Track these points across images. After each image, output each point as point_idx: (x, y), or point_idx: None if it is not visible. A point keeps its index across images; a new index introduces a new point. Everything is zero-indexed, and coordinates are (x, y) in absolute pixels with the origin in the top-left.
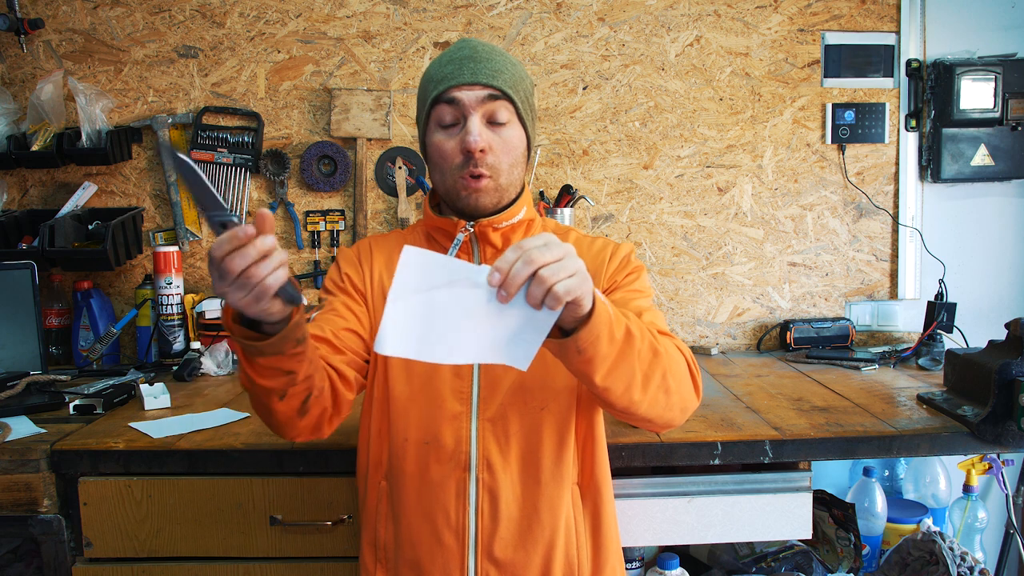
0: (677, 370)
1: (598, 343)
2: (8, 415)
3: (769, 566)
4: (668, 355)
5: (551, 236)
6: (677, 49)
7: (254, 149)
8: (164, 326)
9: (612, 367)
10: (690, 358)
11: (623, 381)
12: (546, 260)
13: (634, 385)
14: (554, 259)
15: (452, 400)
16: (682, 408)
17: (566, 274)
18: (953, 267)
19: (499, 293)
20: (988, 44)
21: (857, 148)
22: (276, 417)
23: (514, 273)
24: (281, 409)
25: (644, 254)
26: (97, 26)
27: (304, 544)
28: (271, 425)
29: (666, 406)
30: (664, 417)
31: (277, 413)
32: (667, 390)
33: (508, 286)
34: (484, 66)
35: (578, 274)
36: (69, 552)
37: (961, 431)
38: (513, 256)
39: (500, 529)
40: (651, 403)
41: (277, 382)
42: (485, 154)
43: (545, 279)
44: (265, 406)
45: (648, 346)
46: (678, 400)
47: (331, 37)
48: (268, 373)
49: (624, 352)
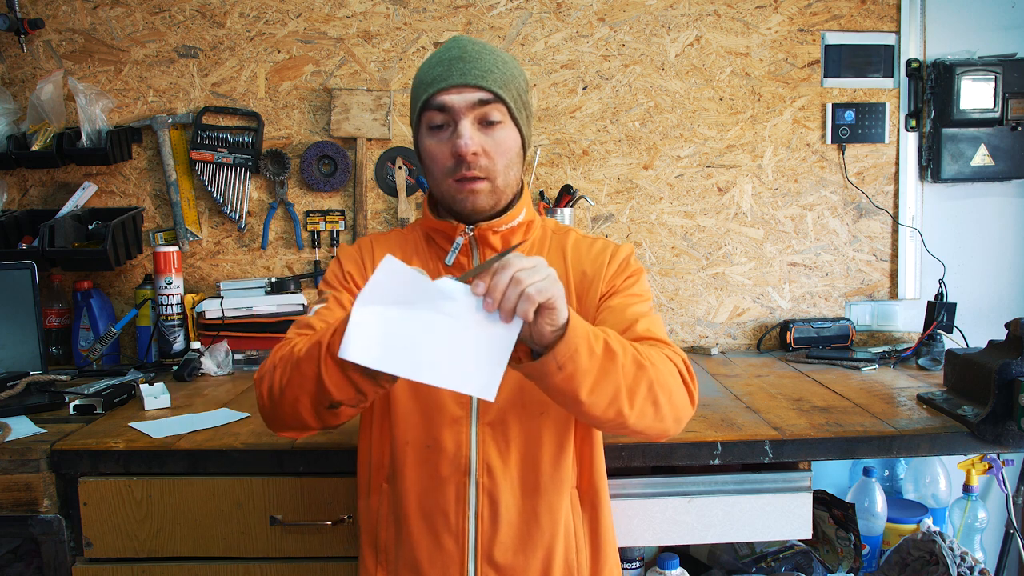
0: (667, 381)
1: (577, 356)
2: (8, 415)
3: (769, 566)
4: (655, 367)
5: (540, 259)
6: (677, 49)
7: (254, 149)
8: (164, 326)
9: (595, 382)
10: (684, 367)
11: (607, 395)
12: (522, 265)
13: (619, 398)
14: (528, 265)
15: (452, 404)
16: (675, 418)
17: (539, 276)
18: (953, 267)
19: (485, 301)
20: (988, 44)
21: (857, 148)
22: (296, 415)
23: (497, 281)
24: (313, 415)
25: (644, 254)
26: (97, 26)
27: (304, 544)
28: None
29: (656, 418)
30: (655, 428)
31: (306, 415)
32: (655, 402)
33: (493, 291)
34: (473, 66)
35: (549, 277)
36: (69, 552)
37: (961, 431)
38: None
39: (500, 533)
40: (639, 415)
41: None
42: (478, 157)
43: (520, 280)
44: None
45: (631, 359)
46: (669, 411)
47: (331, 37)
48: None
49: (606, 367)
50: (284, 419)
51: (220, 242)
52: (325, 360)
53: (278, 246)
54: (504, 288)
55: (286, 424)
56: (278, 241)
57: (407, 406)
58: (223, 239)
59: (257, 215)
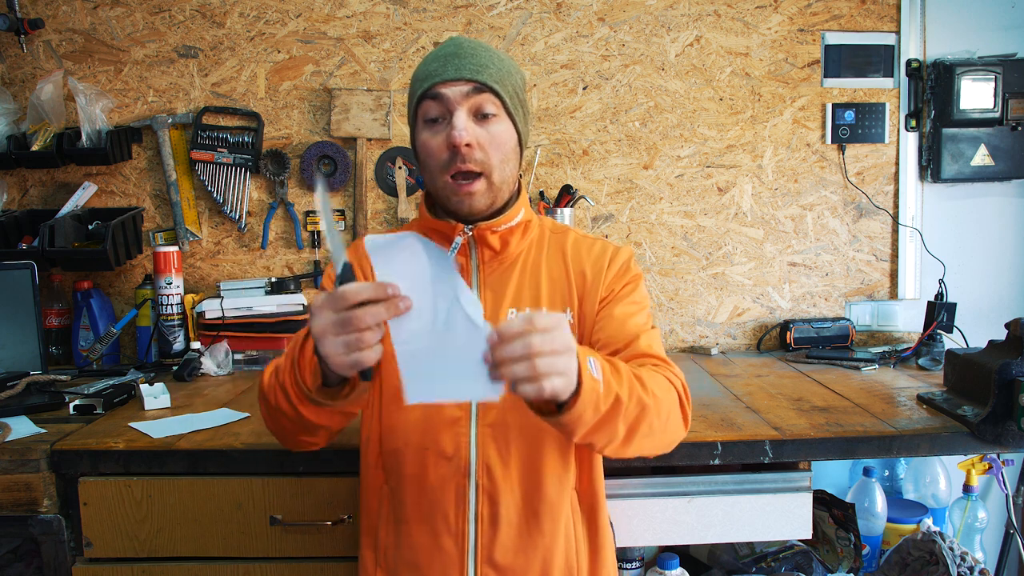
0: (665, 411)
1: (580, 420)
2: (8, 415)
3: (769, 566)
4: (657, 401)
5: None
6: (677, 49)
7: (254, 149)
8: (164, 326)
9: (593, 430)
10: (682, 391)
11: (605, 438)
12: (544, 350)
13: (615, 440)
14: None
15: (452, 406)
16: (668, 443)
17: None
18: (953, 267)
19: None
20: (988, 44)
21: (857, 148)
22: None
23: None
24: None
25: (644, 254)
26: (97, 26)
27: (304, 544)
28: (276, 434)
29: (652, 447)
30: (648, 451)
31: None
32: (651, 435)
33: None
34: (468, 62)
35: (567, 374)
36: (69, 552)
37: (961, 431)
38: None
39: (500, 535)
40: (636, 449)
41: (331, 421)
42: (472, 149)
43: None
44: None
45: (636, 403)
46: (662, 438)
47: (331, 37)
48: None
49: (608, 417)
50: (284, 441)
51: (220, 242)
52: (302, 403)
53: (278, 246)
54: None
55: (290, 446)
56: (278, 241)
57: (407, 408)
58: (223, 239)
59: (257, 215)
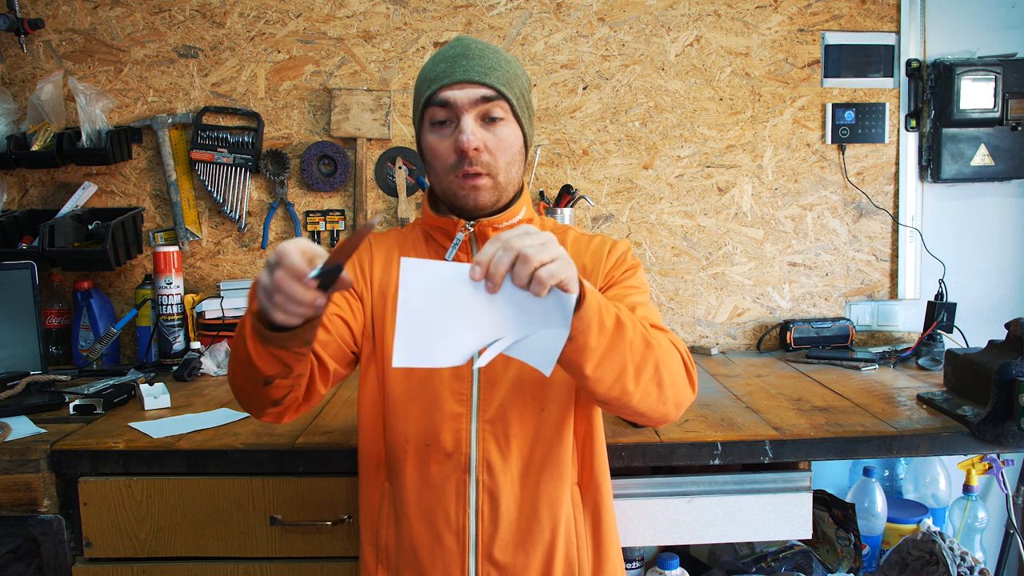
0: (671, 362)
1: (588, 331)
2: (8, 415)
3: (769, 566)
4: (661, 347)
5: (531, 226)
6: (677, 49)
7: (254, 149)
8: (164, 326)
9: (603, 357)
10: (685, 352)
11: (614, 371)
12: (527, 243)
13: (626, 375)
14: (535, 243)
15: (452, 401)
16: (676, 403)
17: (548, 257)
18: (953, 267)
19: (486, 284)
20: (988, 44)
21: (857, 148)
22: (248, 395)
23: (496, 261)
24: (259, 392)
25: (644, 254)
26: (97, 26)
27: (304, 544)
28: (241, 399)
29: (659, 399)
30: (658, 411)
31: (254, 393)
32: (660, 383)
33: (492, 276)
34: (476, 63)
35: (560, 258)
36: (69, 552)
37: (961, 431)
38: (493, 247)
39: (500, 531)
40: (643, 395)
41: (272, 369)
42: (480, 153)
43: (529, 258)
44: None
45: (640, 337)
46: (672, 394)
47: (331, 37)
48: (266, 357)
49: (614, 342)
50: (248, 405)
51: (220, 242)
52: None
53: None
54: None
55: (253, 410)
56: (278, 241)
57: (406, 404)
58: (223, 239)
59: (257, 215)
